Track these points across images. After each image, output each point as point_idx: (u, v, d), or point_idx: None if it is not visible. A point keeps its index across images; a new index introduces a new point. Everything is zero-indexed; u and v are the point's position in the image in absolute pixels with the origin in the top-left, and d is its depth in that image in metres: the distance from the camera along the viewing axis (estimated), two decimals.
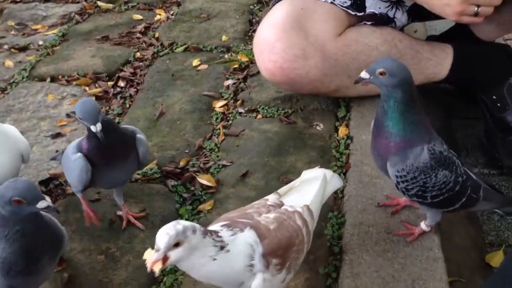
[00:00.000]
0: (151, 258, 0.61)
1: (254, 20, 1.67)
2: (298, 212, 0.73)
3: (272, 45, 1.04)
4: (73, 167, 0.82)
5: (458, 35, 1.42)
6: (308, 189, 0.79)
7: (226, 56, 1.47)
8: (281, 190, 0.80)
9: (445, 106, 1.46)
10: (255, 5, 1.75)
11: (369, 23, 1.13)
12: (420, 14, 1.31)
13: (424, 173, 0.77)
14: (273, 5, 1.15)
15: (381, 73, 0.75)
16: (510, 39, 1.78)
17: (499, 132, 1.24)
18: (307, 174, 0.83)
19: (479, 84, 1.24)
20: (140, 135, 0.87)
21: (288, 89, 1.18)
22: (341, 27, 1.09)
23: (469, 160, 1.30)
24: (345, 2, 1.12)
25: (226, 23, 1.63)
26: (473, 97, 1.28)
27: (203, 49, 1.51)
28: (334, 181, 0.84)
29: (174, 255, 0.61)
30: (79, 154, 0.82)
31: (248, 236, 0.67)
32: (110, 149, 0.81)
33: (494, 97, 1.23)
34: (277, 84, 1.15)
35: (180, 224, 0.61)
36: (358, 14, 1.10)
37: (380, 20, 1.13)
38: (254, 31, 1.54)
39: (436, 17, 1.31)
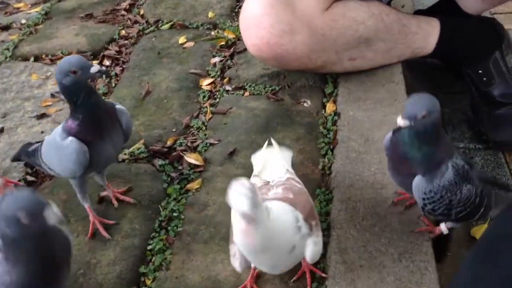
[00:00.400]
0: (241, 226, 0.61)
1: None
2: (291, 178, 0.76)
3: (259, 20, 1.03)
4: (68, 152, 0.78)
5: (445, 9, 1.41)
6: (275, 161, 0.82)
7: (212, 33, 1.45)
8: (255, 172, 0.83)
9: (432, 81, 1.46)
10: None
11: None
12: None
13: (450, 191, 0.73)
14: None
15: (424, 116, 0.70)
16: (497, 13, 1.78)
17: (485, 106, 1.24)
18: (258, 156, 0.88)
19: (465, 58, 1.24)
20: (120, 106, 0.85)
21: (275, 65, 1.17)
22: (328, 1, 1.08)
23: (455, 135, 1.31)
24: None
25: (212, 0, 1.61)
26: (459, 72, 1.28)
27: (189, 26, 1.49)
28: (285, 150, 0.89)
29: (258, 214, 0.60)
30: (71, 138, 0.78)
31: (283, 205, 0.69)
32: (98, 121, 0.79)
33: (480, 71, 1.23)
34: (263, 60, 1.14)
35: (248, 183, 0.60)
36: None
37: None
38: (241, 7, 1.51)
39: None
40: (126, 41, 1.44)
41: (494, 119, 1.23)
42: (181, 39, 1.42)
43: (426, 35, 1.20)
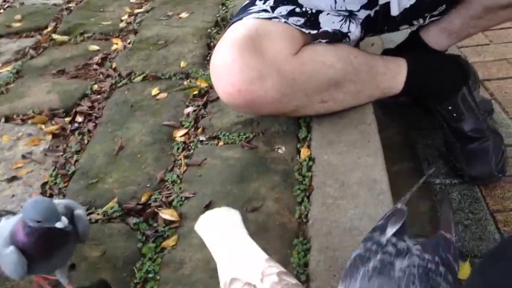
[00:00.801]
0: None
1: (212, 43, 1.67)
2: (281, 272, 0.66)
3: (229, 68, 1.04)
4: (6, 260, 0.75)
5: (413, 46, 1.44)
6: (244, 245, 0.71)
7: (185, 82, 1.46)
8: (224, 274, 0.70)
9: (403, 119, 1.48)
10: (212, 28, 1.75)
11: (324, 41, 1.14)
12: (374, 27, 1.33)
13: None
14: (228, 27, 1.15)
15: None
16: (463, 46, 1.83)
17: (457, 141, 1.26)
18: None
19: (433, 95, 1.26)
20: (79, 211, 0.81)
21: (248, 112, 1.17)
22: (297, 46, 1.10)
23: (431, 172, 1.31)
24: (299, 20, 1.12)
25: (184, 49, 1.62)
26: (430, 108, 1.30)
27: (162, 77, 1.50)
28: (232, 214, 0.78)
29: None
30: (12, 248, 0.74)
31: None
32: (49, 242, 0.75)
33: (449, 107, 1.25)
34: (236, 107, 1.14)
35: None
36: (312, 32, 1.11)
37: (334, 37, 1.14)
38: None
39: (390, 29, 1.34)
40: (98, 96, 1.44)
41: (467, 154, 1.24)
42: (154, 91, 1.42)
43: (394, 75, 1.22)
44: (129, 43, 1.71)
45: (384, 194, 0.98)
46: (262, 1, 1.14)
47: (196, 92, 1.41)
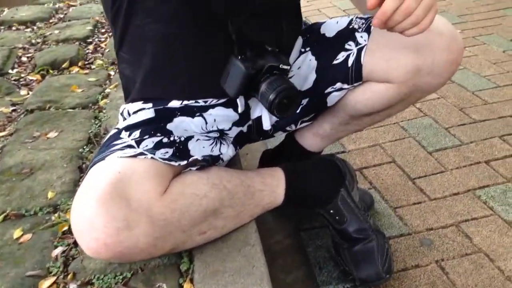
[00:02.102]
0: None
1: (84, 165, 1.55)
2: None
3: (91, 222, 0.93)
4: None
5: (290, 149, 1.46)
6: None
7: (53, 217, 1.32)
8: None
9: (291, 221, 1.47)
10: (84, 147, 1.64)
11: (194, 168, 1.09)
12: (247, 140, 1.32)
13: None
14: (90, 168, 1.05)
15: None
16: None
17: (345, 243, 1.26)
18: None
19: (314, 201, 1.26)
20: None
21: (119, 262, 1.07)
22: (165, 182, 1.02)
23: (323, 277, 1.29)
24: (167, 152, 1.06)
25: (53, 175, 1.49)
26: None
27: (26, 213, 1.35)
28: None
29: None
30: None
31: None
32: None
33: (331, 211, 1.25)
34: (105, 260, 1.03)
35: None
36: (182, 163, 1.05)
37: (206, 163, 1.10)
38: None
39: (264, 138, 1.34)
40: None
41: (354, 256, 1.24)
42: (17, 233, 1.26)
43: (273, 189, 1.20)
44: None
45: None
46: (128, 133, 1.08)
47: (66, 228, 1.27)
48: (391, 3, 0.87)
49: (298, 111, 1.26)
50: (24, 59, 2.50)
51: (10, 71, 2.35)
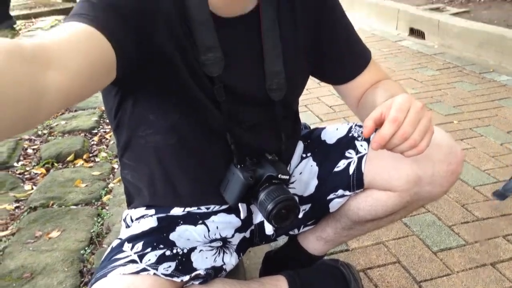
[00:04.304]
0: None
1: (85, 268, 1.54)
2: None
3: None
4: None
5: (293, 253, 1.45)
6: None
7: None
8: None
9: None
10: (86, 248, 1.63)
11: (197, 282, 1.07)
12: (250, 244, 1.32)
13: None
14: (90, 286, 1.03)
15: None
16: None
17: None
18: None
19: None
20: None
21: None
22: None
23: None
24: (170, 266, 1.06)
25: (53, 280, 1.47)
26: None
27: None
28: None
29: None
30: None
31: None
32: None
33: None
34: None
35: None
36: (184, 279, 1.04)
37: (208, 277, 1.09)
38: (86, 283, 1.40)
39: (267, 242, 1.33)
40: None
41: None
42: None
43: None
44: None
45: None
46: (130, 245, 1.07)
47: None
48: (389, 129, 0.90)
49: (300, 216, 1.26)
50: (29, 151, 2.55)
51: (15, 164, 2.39)
